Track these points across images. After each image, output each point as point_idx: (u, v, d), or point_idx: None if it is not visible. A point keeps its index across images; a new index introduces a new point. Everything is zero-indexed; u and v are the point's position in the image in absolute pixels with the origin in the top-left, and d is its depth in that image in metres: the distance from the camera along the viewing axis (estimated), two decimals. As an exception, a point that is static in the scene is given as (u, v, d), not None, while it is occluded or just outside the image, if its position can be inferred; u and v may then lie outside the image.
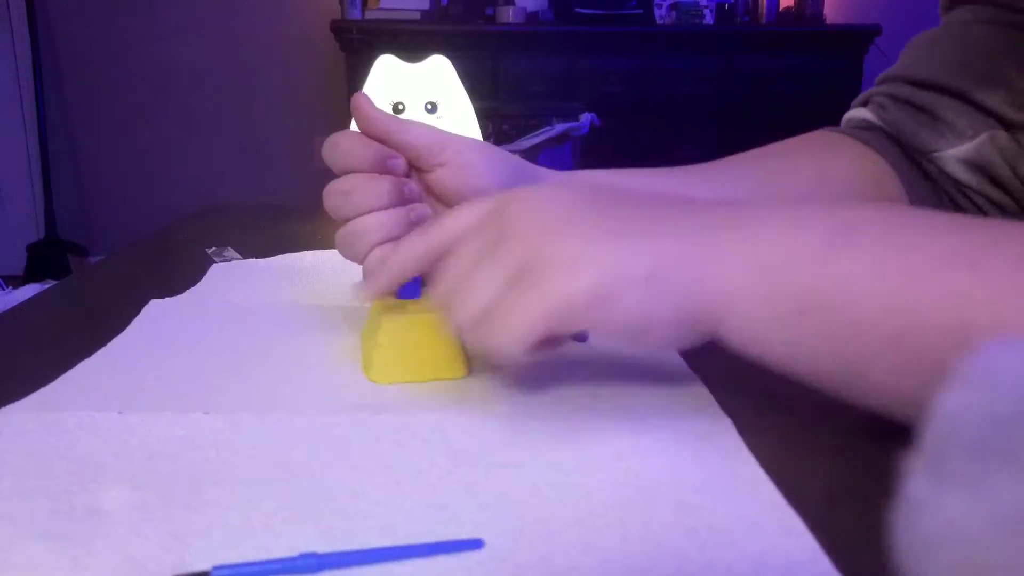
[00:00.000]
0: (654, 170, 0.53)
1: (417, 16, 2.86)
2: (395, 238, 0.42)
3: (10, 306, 0.56)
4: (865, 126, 0.58)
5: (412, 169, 0.46)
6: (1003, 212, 0.54)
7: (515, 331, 0.31)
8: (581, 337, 0.46)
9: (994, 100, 0.52)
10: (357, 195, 0.42)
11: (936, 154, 0.54)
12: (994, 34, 0.53)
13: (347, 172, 0.43)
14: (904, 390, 0.29)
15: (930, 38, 0.58)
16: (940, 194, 0.56)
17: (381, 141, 0.44)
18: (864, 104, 0.60)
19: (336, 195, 0.43)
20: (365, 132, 0.44)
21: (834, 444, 0.35)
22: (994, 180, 0.53)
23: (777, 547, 0.26)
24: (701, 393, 0.39)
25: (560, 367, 0.42)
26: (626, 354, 0.44)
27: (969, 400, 0.15)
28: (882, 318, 0.29)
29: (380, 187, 0.42)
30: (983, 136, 0.52)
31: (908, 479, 0.16)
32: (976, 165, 0.53)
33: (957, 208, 0.56)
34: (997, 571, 0.14)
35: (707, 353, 0.44)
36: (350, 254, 0.43)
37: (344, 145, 0.43)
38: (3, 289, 1.87)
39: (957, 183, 0.54)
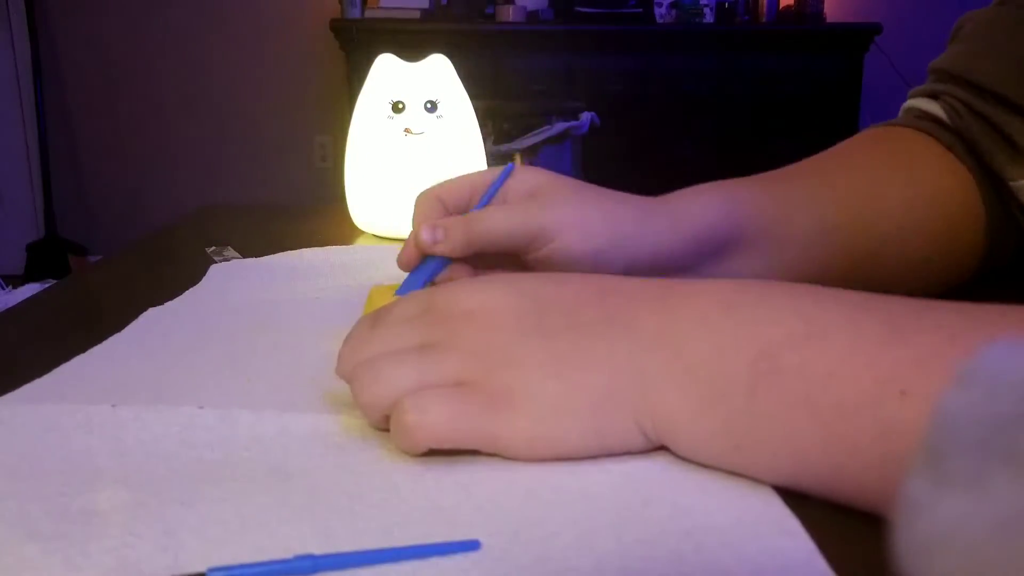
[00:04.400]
0: (734, 183, 0.49)
1: (417, 15, 2.86)
2: None
3: (10, 305, 0.56)
4: (941, 127, 0.53)
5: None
6: None
7: (422, 442, 0.31)
8: None
9: None
10: None
11: (1012, 183, 0.50)
12: None
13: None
14: (853, 501, 0.28)
15: (984, 23, 0.53)
16: (1011, 218, 0.53)
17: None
18: (932, 97, 0.55)
19: None
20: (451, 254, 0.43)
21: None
22: None
23: (773, 547, 0.26)
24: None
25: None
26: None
27: (969, 400, 0.15)
28: (817, 455, 0.28)
29: None
30: None
31: (908, 479, 0.16)
32: None
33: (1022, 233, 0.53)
34: (997, 572, 0.14)
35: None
36: None
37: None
38: (3, 288, 1.87)
39: None
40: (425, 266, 0.44)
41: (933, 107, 0.54)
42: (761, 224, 0.47)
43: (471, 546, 0.26)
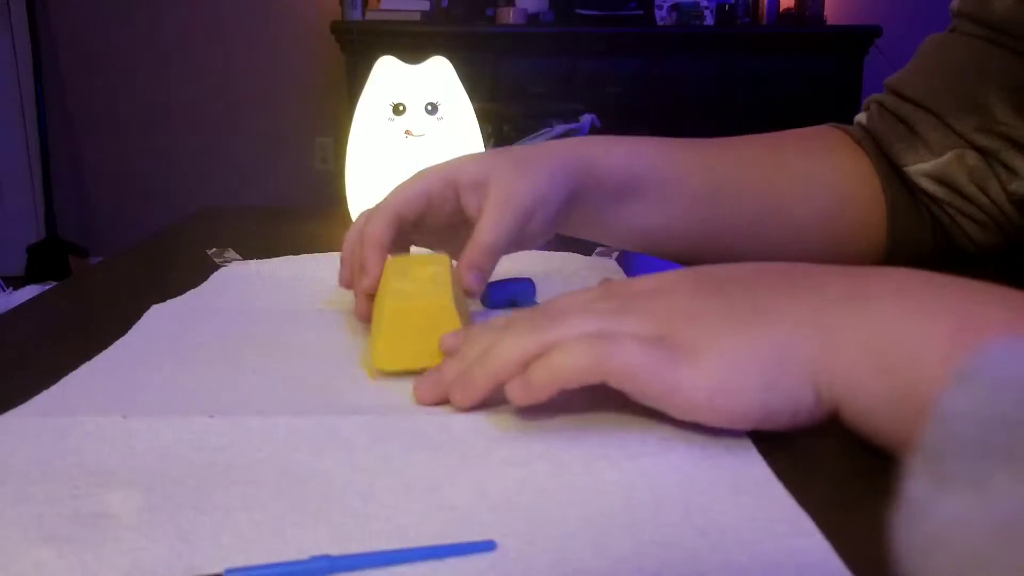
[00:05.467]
0: (649, 141, 0.56)
1: (417, 17, 2.86)
2: None
3: (10, 307, 0.56)
4: (859, 128, 0.61)
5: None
6: (974, 223, 0.56)
7: (611, 365, 0.32)
8: None
9: (966, 127, 0.53)
10: None
11: (906, 168, 0.56)
12: (986, 53, 0.54)
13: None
14: None
15: (935, 46, 0.59)
16: (920, 205, 0.58)
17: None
18: (866, 107, 0.62)
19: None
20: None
21: (840, 444, 0.35)
22: (961, 194, 0.55)
23: (788, 548, 0.26)
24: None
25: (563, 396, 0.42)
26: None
27: (970, 401, 0.15)
28: None
29: None
30: (949, 154, 0.54)
31: (908, 480, 0.16)
32: (942, 181, 0.55)
33: (933, 219, 0.58)
34: (997, 572, 0.14)
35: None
36: None
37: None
38: (3, 290, 1.87)
39: (929, 196, 0.56)
40: (511, 284, 0.51)
41: (861, 116, 0.62)
42: (655, 179, 0.54)
43: (487, 547, 0.26)
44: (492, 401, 0.37)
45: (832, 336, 0.31)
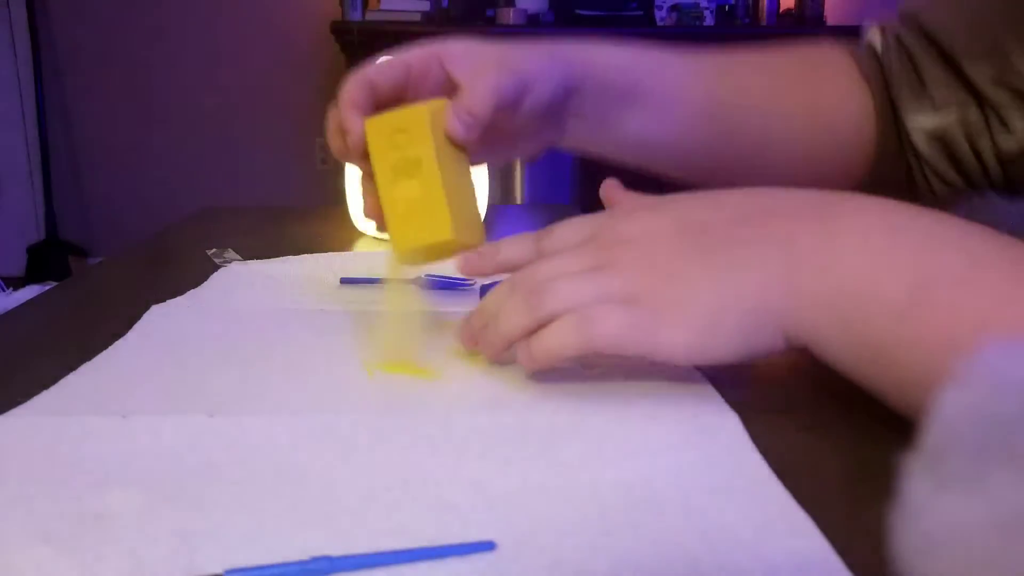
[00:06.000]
0: (650, 50, 0.54)
1: (418, 17, 2.86)
2: None
3: (10, 307, 0.56)
4: (871, 55, 0.58)
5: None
6: (946, 184, 0.55)
7: (607, 337, 0.35)
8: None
9: (979, 74, 0.52)
10: None
11: (908, 122, 0.55)
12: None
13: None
14: None
15: None
16: (902, 158, 0.57)
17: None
18: (882, 31, 0.59)
19: None
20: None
21: (839, 444, 0.35)
22: (951, 156, 0.54)
23: (788, 548, 0.26)
24: (707, 391, 0.39)
25: (565, 366, 0.42)
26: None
27: (969, 401, 0.15)
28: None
29: None
30: (953, 112, 0.53)
31: (908, 480, 0.16)
32: (938, 138, 0.54)
33: (910, 179, 0.57)
34: (997, 572, 0.14)
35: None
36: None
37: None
38: (3, 290, 1.87)
39: (917, 154, 0.55)
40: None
41: (875, 36, 0.58)
42: (656, 89, 0.53)
43: (486, 547, 0.26)
44: (490, 400, 0.37)
45: (798, 293, 0.34)
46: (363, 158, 0.44)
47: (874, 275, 0.32)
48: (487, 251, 0.42)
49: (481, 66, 0.45)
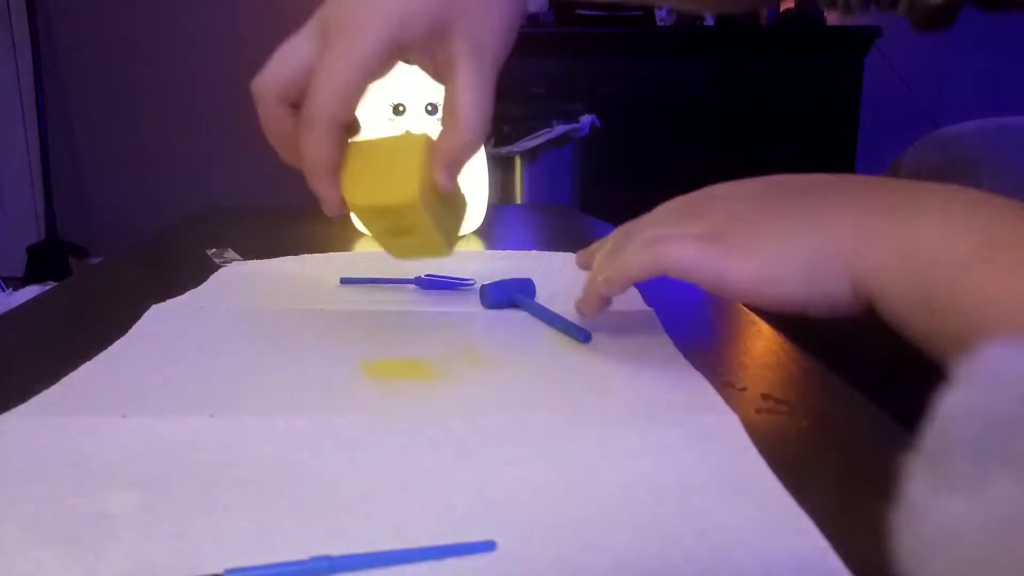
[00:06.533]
0: None
1: (417, 17, 2.86)
2: None
3: (10, 307, 0.56)
4: None
5: None
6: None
7: (683, 261, 0.38)
8: (584, 337, 0.46)
9: None
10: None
11: None
12: None
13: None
14: None
15: None
16: None
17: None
18: None
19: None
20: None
21: (839, 444, 0.35)
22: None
23: (787, 546, 0.26)
24: (707, 391, 0.39)
25: (565, 365, 0.42)
26: (631, 353, 0.44)
27: (969, 401, 0.15)
28: (1009, 328, 0.30)
29: None
30: None
31: (908, 480, 0.16)
32: None
33: None
34: (997, 572, 0.14)
35: (712, 352, 0.44)
36: None
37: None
38: (3, 290, 1.87)
39: None
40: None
41: None
42: None
43: (487, 547, 0.26)
44: (490, 400, 0.37)
45: (869, 241, 0.35)
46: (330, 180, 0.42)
47: (947, 232, 0.33)
48: (606, 274, 0.43)
49: (462, 63, 0.41)
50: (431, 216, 0.42)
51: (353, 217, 0.51)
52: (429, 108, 0.70)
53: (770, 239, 0.37)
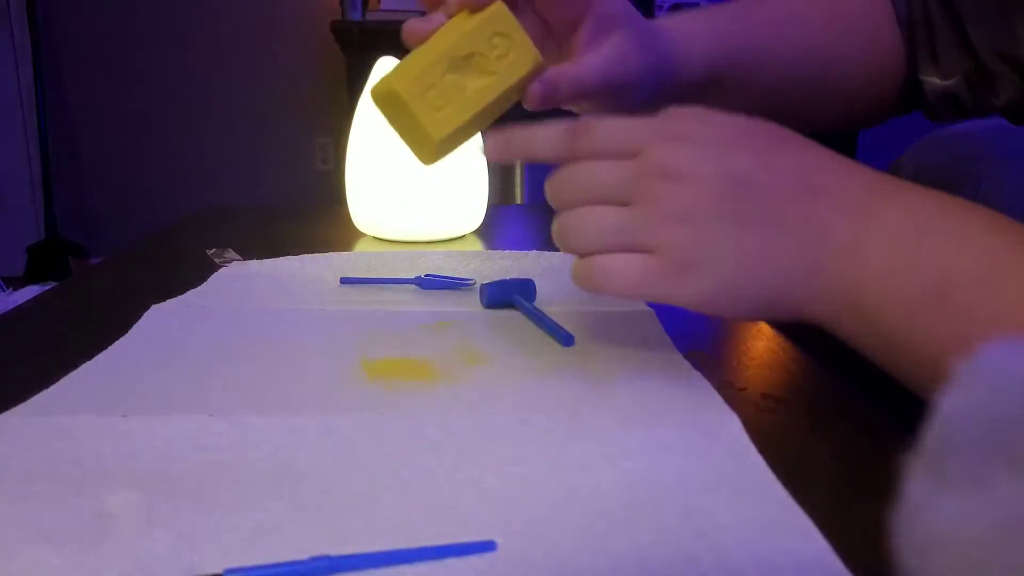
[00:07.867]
0: (723, 26, 0.56)
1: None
2: None
3: (10, 307, 0.56)
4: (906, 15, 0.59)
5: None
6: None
7: (622, 289, 0.37)
8: (567, 341, 0.46)
9: (981, 40, 0.53)
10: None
11: (922, 70, 0.57)
12: None
13: None
14: None
15: None
16: (918, 100, 0.59)
17: None
18: None
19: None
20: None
21: (839, 444, 0.35)
22: (958, 107, 0.57)
23: (787, 547, 0.26)
24: (707, 391, 0.39)
25: (565, 365, 0.42)
26: (630, 353, 0.44)
27: (969, 401, 0.15)
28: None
29: None
30: (958, 78, 0.56)
31: (908, 480, 0.16)
32: (947, 96, 0.57)
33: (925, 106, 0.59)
34: (997, 572, 0.14)
35: (712, 352, 0.44)
36: None
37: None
38: (3, 290, 1.86)
39: (928, 103, 0.58)
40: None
41: None
42: (733, 75, 0.54)
43: (487, 547, 0.26)
44: (490, 401, 0.37)
45: (821, 280, 0.35)
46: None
47: (895, 273, 0.33)
48: (516, 136, 0.42)
49: (605, 35, 0.46)
50: (418, 105, 0.42)
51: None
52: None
53: (722, 268, 0.36)
